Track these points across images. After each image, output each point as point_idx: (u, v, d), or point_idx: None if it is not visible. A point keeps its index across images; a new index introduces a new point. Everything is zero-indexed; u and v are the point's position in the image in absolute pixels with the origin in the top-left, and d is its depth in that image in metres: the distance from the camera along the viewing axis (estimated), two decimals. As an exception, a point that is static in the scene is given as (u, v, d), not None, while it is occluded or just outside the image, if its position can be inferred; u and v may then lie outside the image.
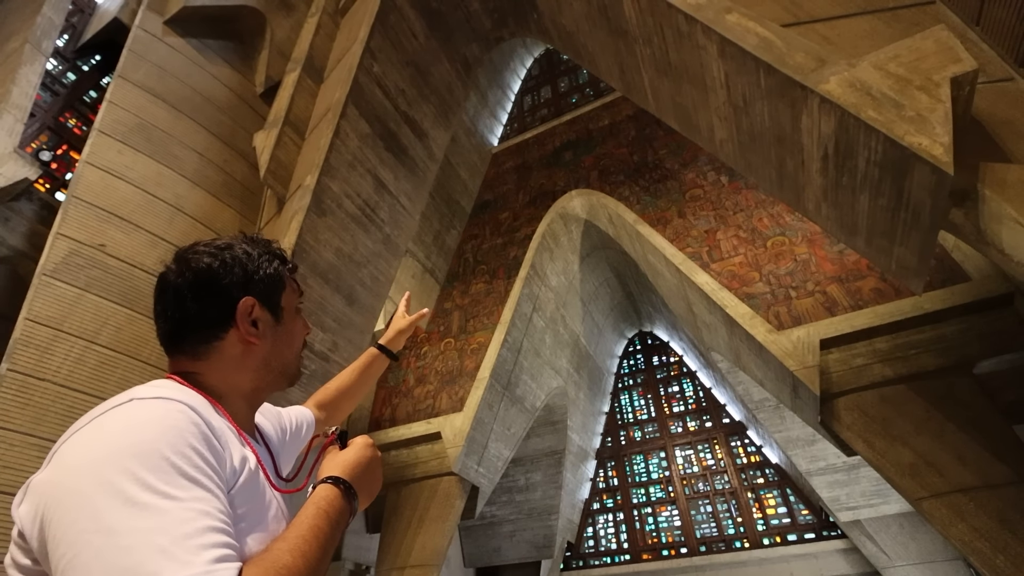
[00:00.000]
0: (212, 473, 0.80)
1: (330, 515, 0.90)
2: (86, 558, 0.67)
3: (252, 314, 1.05)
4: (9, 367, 3.46)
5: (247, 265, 1.06)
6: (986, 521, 3.84)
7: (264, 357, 1.08)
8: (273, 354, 1.09)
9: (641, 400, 11.87)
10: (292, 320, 1.14)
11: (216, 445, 0.85)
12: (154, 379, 1.00)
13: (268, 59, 5.90)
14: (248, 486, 0.91)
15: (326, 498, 0.93)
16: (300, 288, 1.21)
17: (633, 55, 3.84)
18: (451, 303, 8.84)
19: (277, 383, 1.13)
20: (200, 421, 0.84)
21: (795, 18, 2.89)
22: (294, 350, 1.15)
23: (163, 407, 0.82)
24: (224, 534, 0.73)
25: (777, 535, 9.19)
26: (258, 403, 1.14)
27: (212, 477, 0.79)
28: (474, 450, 7.00)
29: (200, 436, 0.82)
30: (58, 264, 3.89)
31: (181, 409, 0.83)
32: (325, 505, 0.91)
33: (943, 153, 2.13)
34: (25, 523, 0.77)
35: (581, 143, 9.67)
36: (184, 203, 4.79)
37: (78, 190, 4.19)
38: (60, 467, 0.78)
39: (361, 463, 1.05)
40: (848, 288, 5.27)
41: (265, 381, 1.10)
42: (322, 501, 0.92)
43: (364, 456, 1.06)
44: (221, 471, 0.83)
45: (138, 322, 4.14)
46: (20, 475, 3.30)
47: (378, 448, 1.18)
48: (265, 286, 1.08)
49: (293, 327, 1.15)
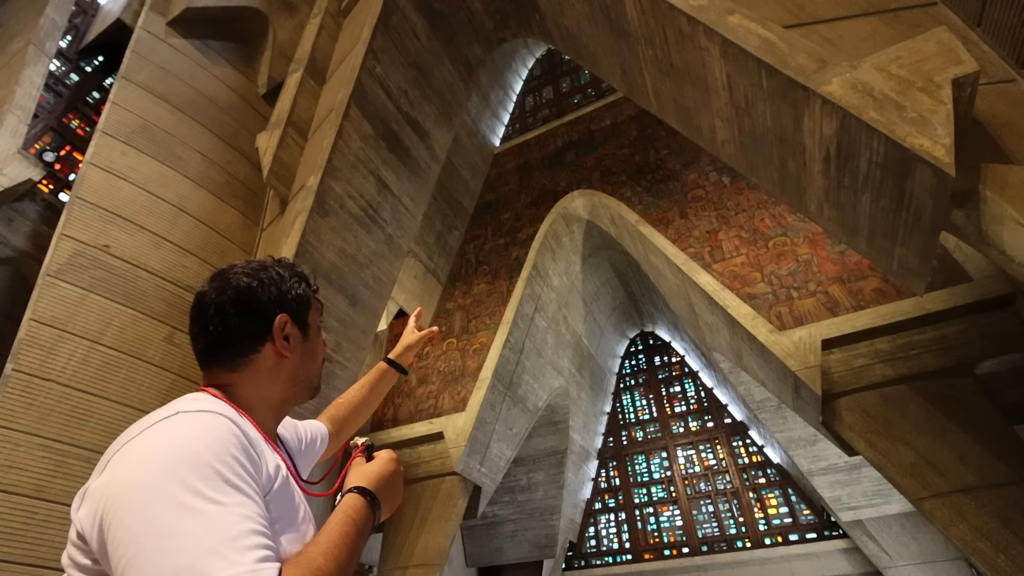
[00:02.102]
0: (251, 480, 0.87)
1: (357, 522, 0.97)
2: (142, 559, 0.74)
3: (285, 330, 1.14)
4: (14, 367, 3.48)
5: (281, 285, 1.16)
6: (987, 521, 3.84)
7: (293, 370, 1.17)
8: (300, 367, 1.18)
9: (643, 400, 11.87)
10: (316, 337, 1.24)
11: (253, 454, 0.92)
12: (157, 379, 1.08)
13: (271, 60, 5.92)
14: (282, 491, 1.00)
15: (353, 507, 1.01)
16: (322, 306, 1.31)
17: (635, 56, 3.85)
18: (453, 303, 8.85)
19: (302, 395, 1.21)
20: (239, 432, 0.92)
21: (797, 19, 2.90)
22: (317, 364, 1.24)
23: (207, 420, 0.90)
24: (264, 536, 0.80)
25: (779, 535, 9.19)
26: (283, 414, 1.21)
27: (251, 484, 0.86)
28: (476, 450, 7.01)
29: (240, 446, 0.89)
30: (62, 265, 3.91)
31: (223, 421, 0.91)
32: (353, 513, 0.99)
33: (944, 154, 2.14)
34: (85, 526, 0.84)
35: (583, 143, 9.67)
36: (187, 204, 4.81)
37: (82, 191, 4.21)
38: (116, 474, 0.85)
39: (385, 475, 1.13)
40: (850, 288, 5.28)
41: (292, 393, 1.18)
42: (350, 510, 0.99)
43: (388, 469, 1.15)
44: (258, 478, 0.91)
45: (142, 323, 4.15)
46: (25, 475, 3.31)
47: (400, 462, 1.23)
48: (296, 305, 1.18)
49: (317, 343, 1.24)
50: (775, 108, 2.84)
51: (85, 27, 6.95)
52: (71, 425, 3.57)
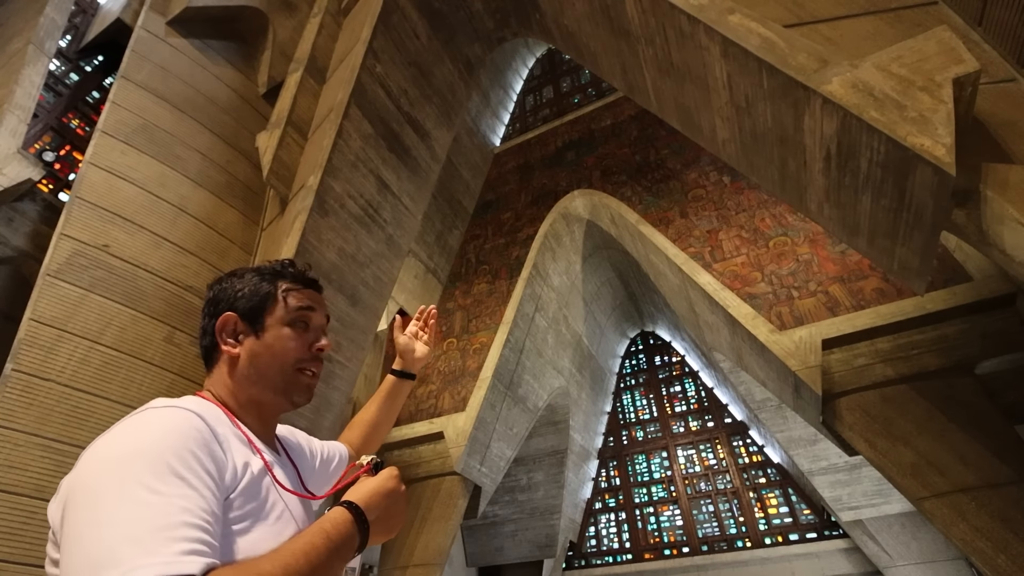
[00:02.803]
0: (206, 476, 0.84)
1: (331, 537, 0.91)
2: (74, 545, 0.74)
3: (227, 328, 1.13)
4: (14, 367, 3.48)
5: (237, 286, 1.16)
6: (988, 521, 3.84)
7: (244, 368, 1.12)
8: (250, 366, 1.12)
9: (643, 400, 11.87)
10: (276, 334, 1.14)
11: (218, 451, 0.91)
12: (157, 379, 1.07)
13: (271, 59, 5.91)
14: (250, 488, 0.95)
15: (332, 520, 0.95)
16: (307, 304, 1.20)
17: (635, 55, 3.84)
18: (453, 303, 8.85)
19: (270, 395, 1.14)
20: (204, 428, 0.90)
21: (797, 19, 2.89)
22: (279, 364, 1.13)
23: (170, 414, 0.90)
24: (201, 531, 0.76)
25: (779, 535, 9.19)
26: (268, 416, 1.17)
27: (204, 479, 0.83)
28: (476, 450, 7.01)
29: (200, 441, 0.87)
30: (62, 265, 3.90)
31: (186, 416, 0.90)
32: (329, 526, 0.93)
33: (945, 154, 2.13)
34: (54, 520, 0.86)
35: (583, 143, 9.67)
36: (187, 204, 4.81)
37: (81, 191, 4.21)
38: (80, 468, 0.86)
39: (379, 492, 1.06)
40: (850, 288, 5.28)
41: (257, 393, 1.13)
42: (327, 522, 0.94)
43: (384, 487, 1.08)
44: (219, 475, 0.88)
45: (142, 322, 4.15)
46: (25, 475, 3.31)
47: (403, 483, 1.15)
48: (247, 302, 1.14)
49: (275, 342, 1.14)
50: (776, 107, 2.84)
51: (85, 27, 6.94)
52: (71, 425, 3.57)
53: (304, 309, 1.19)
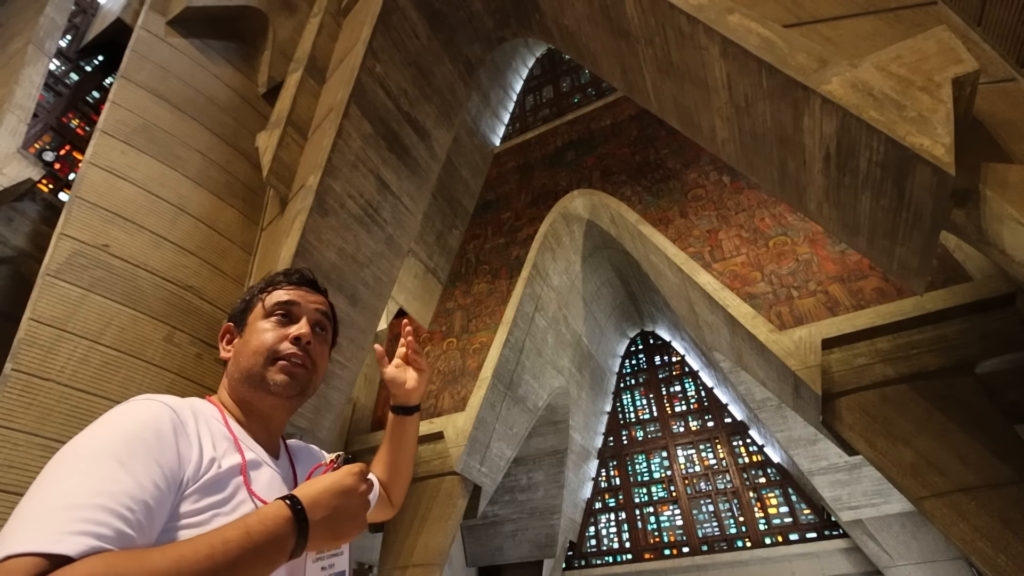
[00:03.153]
0: (152, 465, 0.82)
1: (252, 533, 0.80)
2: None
3: (228, 336, 1.21)
4: (13, 367, 3.48)
5: (239, 298, 1.25)
6: (987, 520, 3.84)
7: (231, 368, 1.16)
8: (234, 361, 1.16)
9: (643, 400, 11.87)
10: (252, 329, 1.17)
11: (181, 444, 0.90)
12: (157, 379, 1.09)
13: (270, 59, 5.91)
14: (215, 483, 0.92)
15: (262, 515, 0.85)
16: (287, 298, 1.20)
17: (635, 55, 3.84)
18: (453, 303, 8.85)
19: (246, 390, 1.13)
20: (169, 421, 0.90)
21: (797, 19, 2.89)
22: (250, 352, 1.13)
23: (141, 405, 0.91)
24: (111, 515, 0.72)
25: (779, 534, 9.20)
26: (264, 417, 1.15)
27: (148, 468, 0.81)
28: (476, 450, 7.01)
29: (158, 433, 0.87)
30: (62, 264, 3.90)
31: (154, 408, 0.91)
32: (254, 522, 0.83)
33: (944, 154, 2.13)
34: None
35: (583, 143, 9.67)
36: (187, 203, 4.81)
37: (81, 190, 4.21)
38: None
39: (330, 489, 0.95)
40: (850, 288, 5.28)
41: (239, 391, 1.14)
42: (253, 516, 0.84)
43: (338, 483, 0.96)
44: (176, 466, 0.87)
45: (141, 322, 4.15)
46: (25, 474, 3.31)
47: (368, 480, 1.02)
48: (239, 311, 1.22)
49: (253, 335, 1.15)
50: (775, 107, 2.84)
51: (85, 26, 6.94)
52: (71, 425, 3.57)
53: (284, 303, 1.18)
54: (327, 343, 1.27)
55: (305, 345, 1.15)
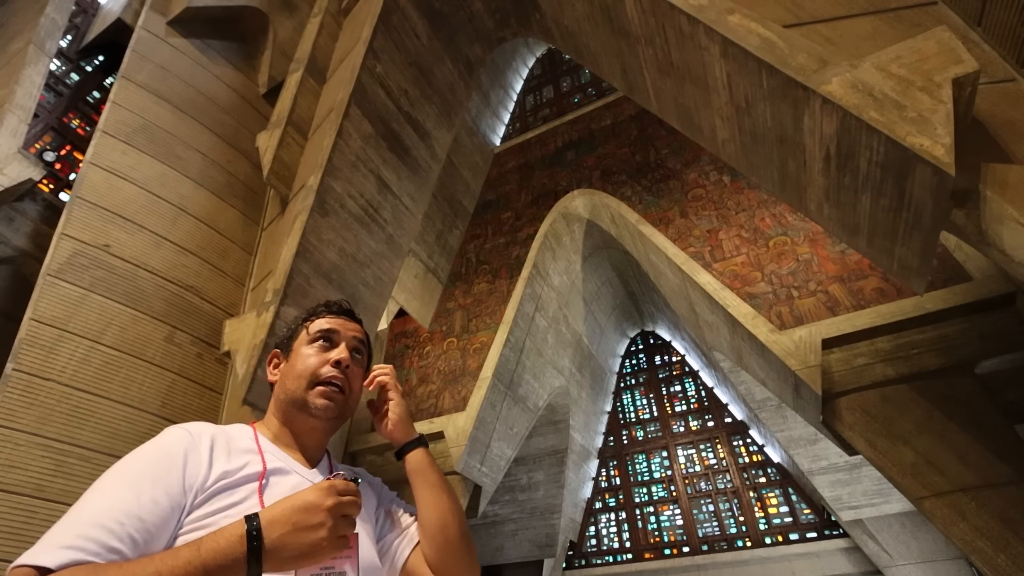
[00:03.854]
0: (158, 483, 0.95)
1: (203, 554, 0.83)
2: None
3: (275, 361, 1.32)
4: (14, 367, 3.48)
5: (282, 332, 1.38)
6: (987, 520, 3.84)
7: (277, 390, 1.27)
8: (279, 384, 1.27)
9: (643, 399, 11.87)
10: (297, 354, 1.28)
11: (188, 461, 1.01)
12: (157, 379, 1.24)
13: (271, 59, 5.92)
14: (224, 491, 1.01)
15: (217, 535, 0.87)
16: (328, 326, 1.31)
17: (635, 55, 3.85)
18: (454, 303, 8.85)
19: (292, 411, 1.23)
20: (184, 443, 1.03)
21: (797, 19, 2.89)
22: (295, 376, 1.24)
23: (165, 431, 1.06)
24: (102, 530, 0.84)
25: (779, 534, 9.20)
26: (301, 435, 1.24)
27: (153, 486, 0.94)
28: (477, 449, 7.02)
29: (169, 454, 1.00)
30: (62, 264, 3.91)
31: (173, 433, 1.05)
32: (207, 541, 0.86)
33: (944, 154, 2.14)
34: None
35: (583, 143, 9.67)
36: (188, 203, 4.81)
37: (82, 191, 4.21)
38: None
39: (293, 505, 0.93)
40: (850, 288, 5.28)
41: (280, 407, 1.26)
42: (209, 536, 0.87)
43: (299, 498, 0.94)
44: (179, 481, 0.97)
45: (142, 322, 4.15)
46: (26, 474, 3.31)
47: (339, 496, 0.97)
48: (285, 338, 1.34)
49: (295, 360, 1.27)
50: (775, 107, 2.84)
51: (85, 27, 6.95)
52: (71, 425, 3.58)
53: (325, 330, 1.29)
54: (363, 367, 1.35)
55: (344, 369, 1.25)
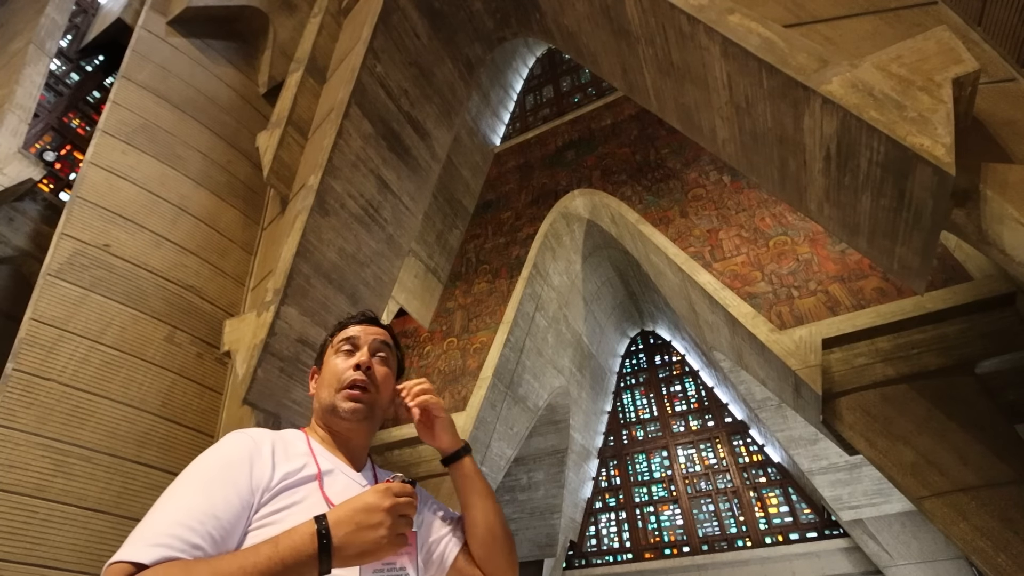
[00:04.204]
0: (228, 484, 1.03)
1: (281, 550, 0.91)
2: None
3: (312, 377, 1.44)
4: (14, 367, 3.48)
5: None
6: (988, 520, 3.84)
7: (315, 402, 1.37)
8: (316, 397, 1.37)
9: (643, 399, 11.87)
10: (327, 364, 1.38)
11: (253, 464, 1.09)
12: (158, 379, 1.29)
13: (271, 59, 5.91)
14: (287, 490, 1.10)
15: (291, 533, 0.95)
16: (350, 334, 1.40)
17: (635, 55, 3.84)
18: (454, 303, 8.85)
19: (328, 417, 1.32)
20: (247, 447, 1.12)
21: (797, 19, 2.89)
22: (326, 384, 1.34)
23: (228, 437, 1.15)
24: (186, 528, 0.93)
25: (779, 534, 9.20)
26: (342, 437, 1.33)
27: (224, 487, 1.02)
28: (477, 449, 7.02)
29: (235, 458, 1.09)
30: (63, 264, 3.91)
31: (236, 438, 1.14)
32: (283, 540, 0.94)
33: (945, 154, 2.13)
34: None
35: (583, 142, 9.67)
36: (188, 203, 4.81)
37: (82, 190, 4.21)
38: None
39: (356, 506, 1.01)
40: (850, 288, 5.28)
41: (318, 414, 1.36)
42: (284, 535, 0.95)
43: (362, 501, 1.02)
44: (247, 483, 1.06)
45: (142, 322, 4.15)
46: (25, 474, 3.31)
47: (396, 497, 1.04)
48: (318, 354, 1.44)
49: (327, 370, 1.36)
50: (775, 107, 2.84)
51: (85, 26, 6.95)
52: (72, 424, 3.57)
53: (347, 339, 1.38)
54: (390, 367, 1.41)
55: (365, 370, 1.32)
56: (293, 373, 4.15)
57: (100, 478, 3.60)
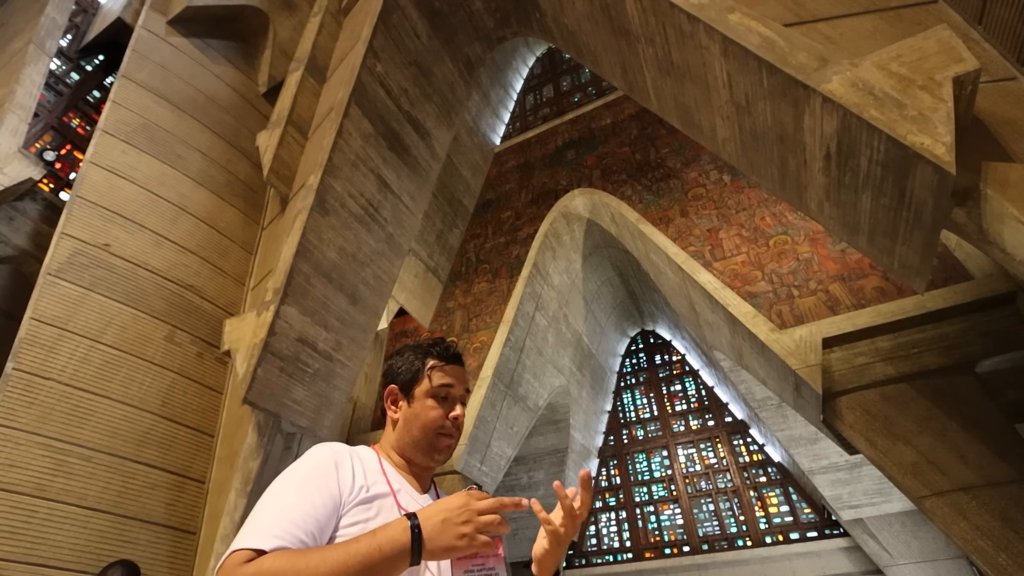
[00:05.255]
0: (324, 491, 1.16)
1: (382, 546, 1.03)
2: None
3: (394, 397, 1.46)
4: (15, 366, 3.48)
5: (398, 363, 1.48)
6: (988, 519, 3.84)
7: (400, 430, 1.42)
8: (403, 427, 1.42)
9: (643, 399, 11.87)
10: (421, 404, 1.41)
11: (340, 475, 1.22)
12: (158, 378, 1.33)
13: (271, 59, 5.92)
14: (365, 504, 1.21)
15: (390, 527, 1.06)
16: (448, 381, 1.44)
17: (635, 54, 3.84)
18: (454, 302, 8.85)
19: (413, 452, 1.40)
20: (332, 459, 1.24)
21: (797, 18, 2.89)
22: (420, 426, 1.39)
23: (314, 450, 1.27)
24: (294, 525, 1.06)
25: (779, 533, 9.20)
26: (417, 468, 1.42)
27: (321, 493, 1.15)
28: (477, 449, 7.02)
29: (326, 467, 1.21)
30: (63, 264, 3.91)
31: (322, 451, 1.26)
32: (381, 535, 1.05)
33: (945, 152, 2.13)
34: None
35: (583, 142, 9.66)
36: (188, 203, 4.81)
37: (82, 190, 4.21)
38: None
39: (442, 506, 1.11)
40: (850, 287, 5.27)
41: (404, 446, 1.41)
42: (382, 530, 1.06)
43: (446, 502, 1.12)
44: (339, 489, 1.19)
45: (142, 321, 4.15)
46: (26, 473, 3.32)
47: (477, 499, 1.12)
48: (403, 378, 1.46)
49: (420, 410, 1.40)
50: (775, 106, 2.84)
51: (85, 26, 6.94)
52: (72, 424, 3.58)
53: (445, 386, 1.43)
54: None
55: (459, 424, 1.44)
56: (293, 372, 4.15)
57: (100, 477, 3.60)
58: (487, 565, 1.20)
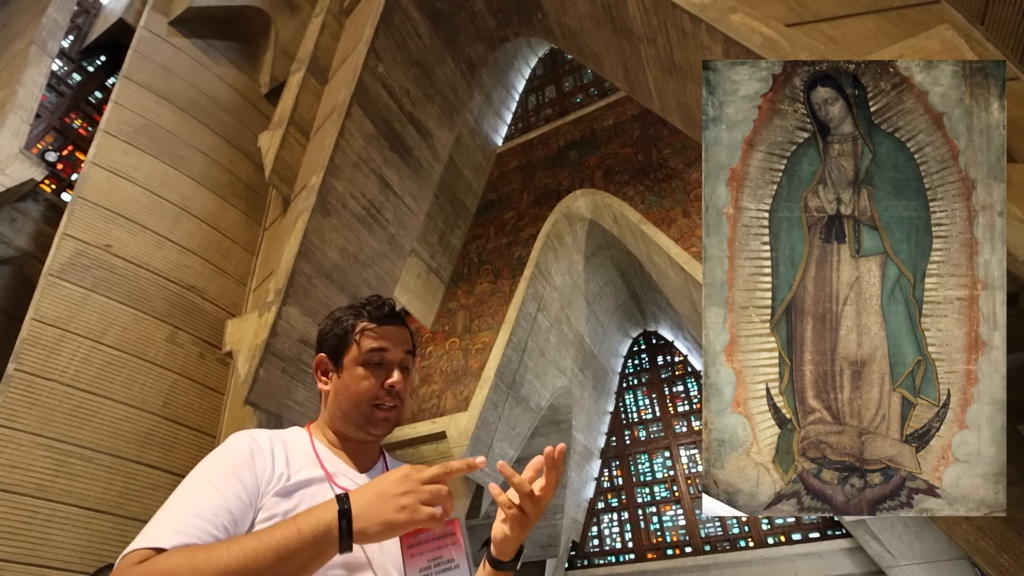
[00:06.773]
0: (236, 481, 1.05)
1: (302, 529, 0.88)
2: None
3: (324, 367, 1.30)
4: (16, 367, 3.49)
5: (327, 327, 1.31)
6: (990, 521, 3.83)
7: (331, 404, 1.28)
8: (333, 400, 1.27)
9: (646, 399, 11.85)
10: (351, 374, 1.25)
11: (255, 463, 1.10)
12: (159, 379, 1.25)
13: (273, 59, 5.92)
14: (287, 492, 1.10)
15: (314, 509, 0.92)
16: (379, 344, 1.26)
17: (638, 55, 3.84)
18: (456, 303, 8.85)
19: (348, 428, 1.26)
20: (248, 447, 1.12)
21: (800, 18, 2.88)
22: (350, 399, 1.24)
23: (231, 438, 1.14)
24: (201, 519, 0.95)
25: (782, 534, 9.18)
26: (348, 442, 1.29)
27: (232, 483, 1.04)
28: (479, 449, 7.01)
29: (239, 457, 1.09)
30: (64, 264, 3.91)
31: (238, 439, 1.13)
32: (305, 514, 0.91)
33: (948, 153, 2.12)
34: None
35: (585, 143, 9.66)
36: (189, 203, 4.81)
37: (84, 191, 4.22)
38: None
39: (375, 484, 0.97)
40: (853, 287, 5.26)
41: (337, 426, 1.28)
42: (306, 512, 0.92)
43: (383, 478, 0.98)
44: (251, 478, 1.07)
45: (144, 322, 4.16)
46: (27, 474, 3.32)
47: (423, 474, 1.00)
48: (331, 343, 1.29)
49: (349, 381, 1.25)
50: (778, 107, 2.83)
51: (87, 27, 6.96)
52: (73, 425, 3.58)
53: (376, 350, 1.26)
54: (410, 373, 1.34)
55: (397, 391, 1.26)
56: (295, 373, 4.15)
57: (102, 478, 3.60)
58: (444, 557, 1.07)
